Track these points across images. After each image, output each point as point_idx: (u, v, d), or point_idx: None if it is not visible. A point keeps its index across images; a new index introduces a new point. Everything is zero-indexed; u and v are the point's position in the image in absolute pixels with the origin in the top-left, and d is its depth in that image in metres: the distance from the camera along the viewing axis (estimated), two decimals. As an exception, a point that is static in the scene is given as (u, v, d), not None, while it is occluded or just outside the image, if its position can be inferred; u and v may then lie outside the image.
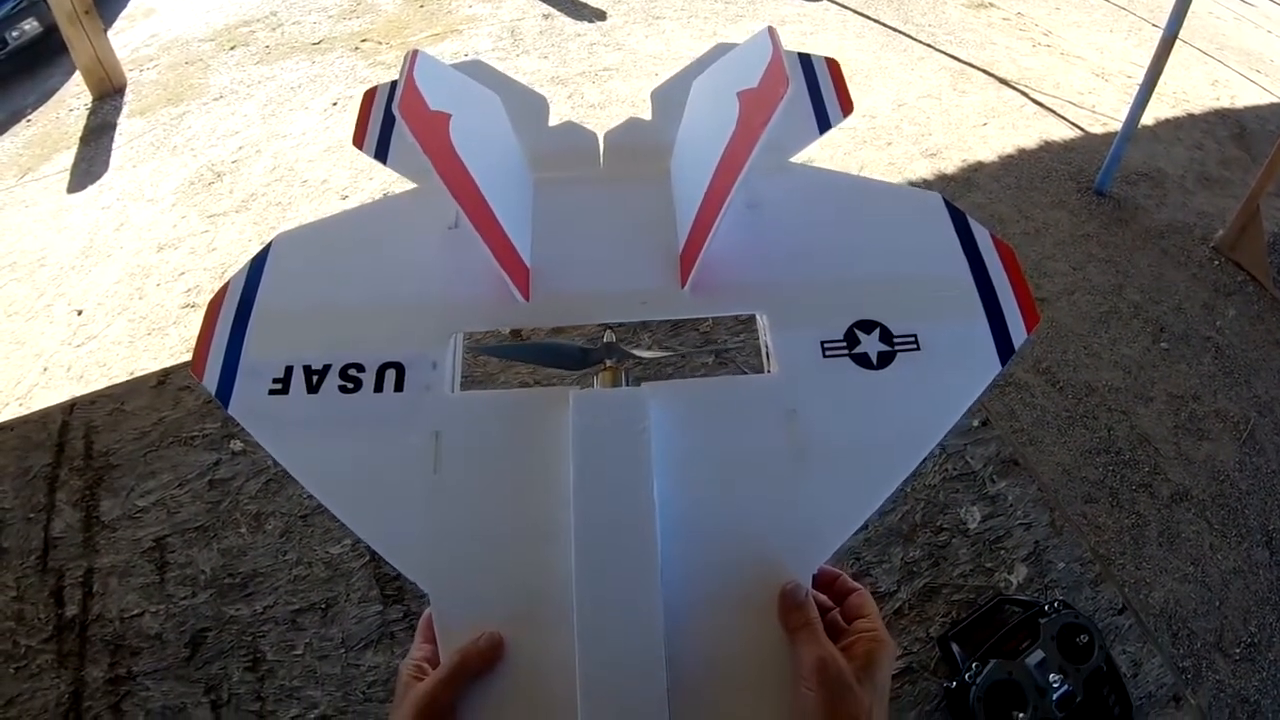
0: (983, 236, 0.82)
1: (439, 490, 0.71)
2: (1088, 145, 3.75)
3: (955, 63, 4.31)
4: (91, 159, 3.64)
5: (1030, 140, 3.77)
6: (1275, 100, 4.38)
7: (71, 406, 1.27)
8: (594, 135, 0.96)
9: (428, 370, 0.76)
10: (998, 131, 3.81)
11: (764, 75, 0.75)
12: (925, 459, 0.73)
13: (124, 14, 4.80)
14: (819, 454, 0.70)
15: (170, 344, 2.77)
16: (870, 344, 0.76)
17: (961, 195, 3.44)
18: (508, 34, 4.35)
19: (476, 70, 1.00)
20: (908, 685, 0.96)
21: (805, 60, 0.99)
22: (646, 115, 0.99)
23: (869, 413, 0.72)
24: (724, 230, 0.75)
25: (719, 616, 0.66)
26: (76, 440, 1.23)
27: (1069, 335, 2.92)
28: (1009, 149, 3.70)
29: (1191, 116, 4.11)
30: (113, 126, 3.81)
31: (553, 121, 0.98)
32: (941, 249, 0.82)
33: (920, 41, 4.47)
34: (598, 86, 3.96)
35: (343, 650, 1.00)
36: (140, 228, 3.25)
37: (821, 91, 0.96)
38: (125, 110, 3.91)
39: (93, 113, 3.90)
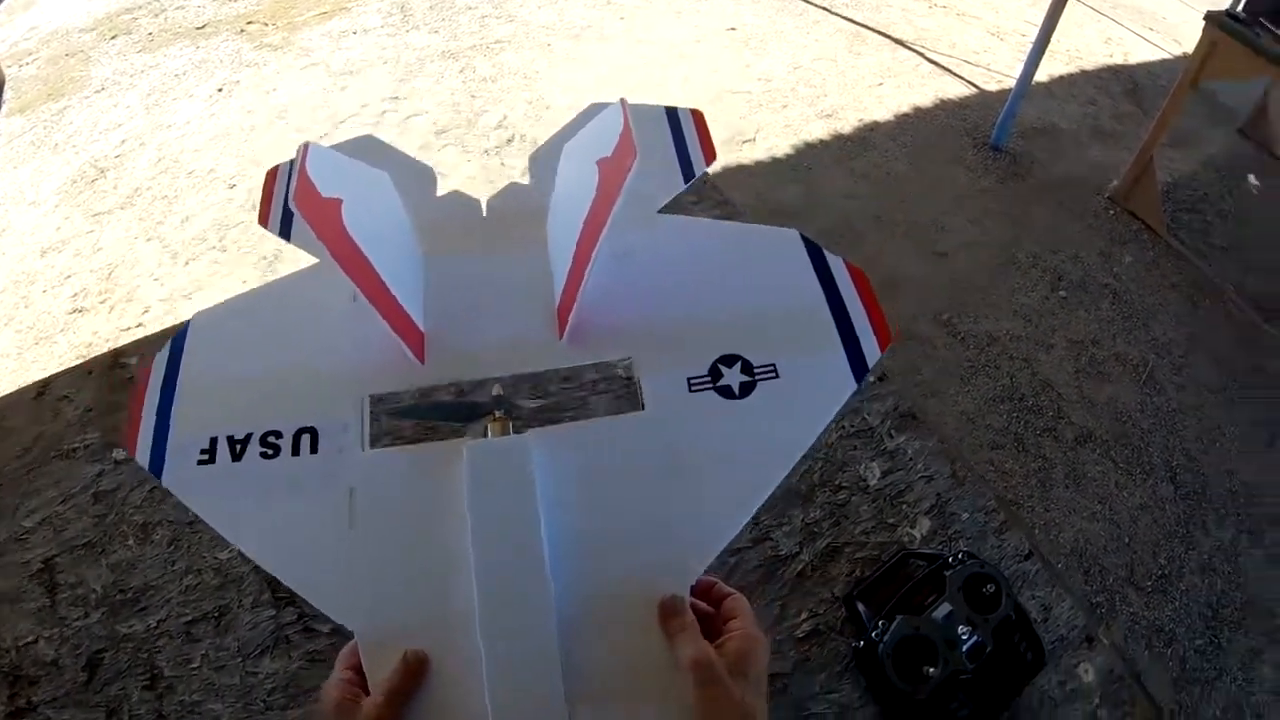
0: (836, 265, 0.91)
1: (356, 541, 0.78)
2: (983, 102, 3.81)
3: (851, 25, 4.33)
4: (-33, 162, 3.44)
5: (926, 99, 3.81)
6: (1167, 56, 4.50)
7: (-53, 429, 1.20)
8: (478, 202, 1.05)
9: (339, 433, 0.84)
10: (894, 91, 3.84)
11: (616, 145, 0.84)
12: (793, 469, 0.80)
13: (2, 7, 4.55)
14: (690, 478, 0.79)
15: (59, 351, 2.65)
16: (732, 376, 0.85)
17: (857, 155, 3.47)
18: (397, 9, 4.23)
19: (367, 146, 1.11)
20: (815, 647, 0.96)
21: (671, 114, 1.09)
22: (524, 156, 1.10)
23: (734, 438, 0.81)
24: (594, 283, 0.84)
25: (613, 632, 0.74)
26: (-45, 464, 1.16)
27: (968, 288, 2.97)
28: (905, 108, 3.74)
29: (1085, 73, 4.21)
30: (-9, 127, 3.61)
31: (440, 190, 1.08)
32: (798, 281, 0.91)
33: (816, 5, 4.47)
34: (489, 59, 3.88)
35: (239, 659, 0.97)
36: (22, 233, 3.10)
37: (686, 143, 1.06)
38: (4, 109, 3.70)
39: (-31, 114, 3.70)
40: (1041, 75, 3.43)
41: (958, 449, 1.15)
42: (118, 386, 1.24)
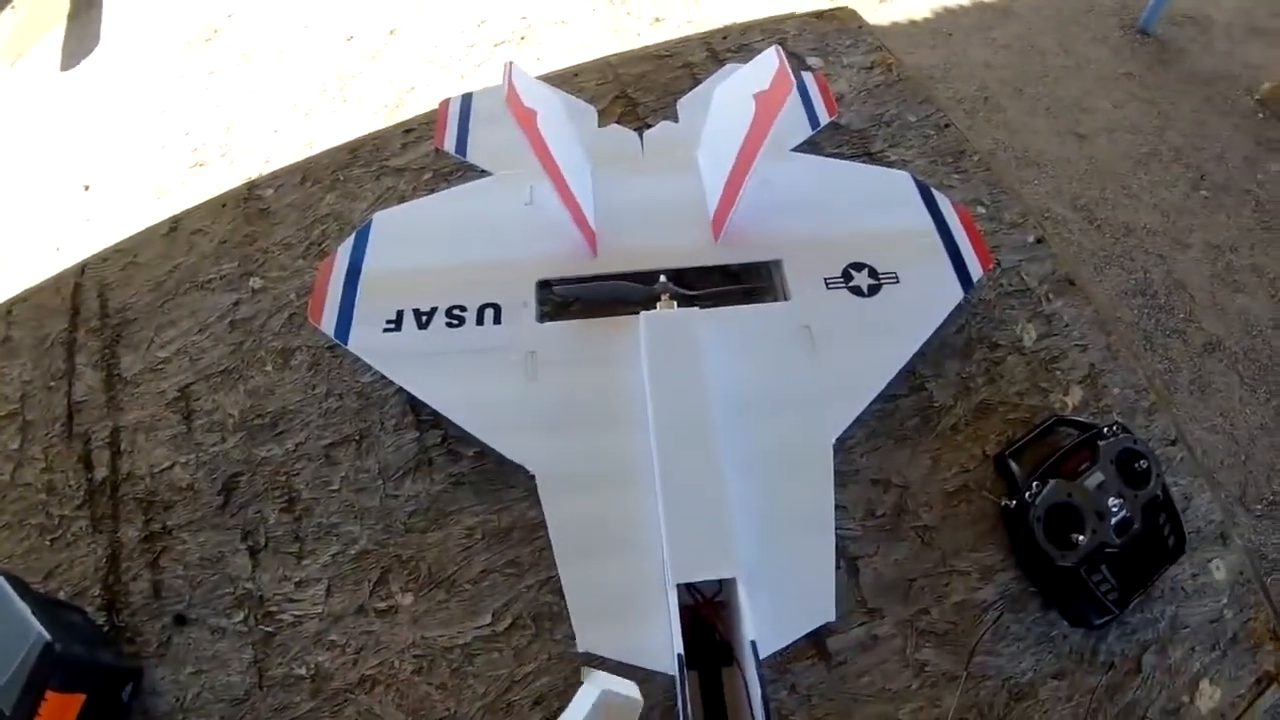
0: (944, 202, 1.08)
1: (536, 395, 0.93)
2: (1134, -18, 3.52)
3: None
4: (82, 33, 3.49)
5: (1073, -29, 3.54)
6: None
7: (83, 268, 1.22)
8: (635, 135, 1.24)
9: (520, 308, 1.00)
10: (1041, -40, 3.58)
11: (773, 79, 1.02)
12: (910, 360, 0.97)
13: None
14: (827, 356, 0.95)
15: (182, 205, 2.66)
16: (861, 279, 1.01)
17: (999, 24, 3.29)
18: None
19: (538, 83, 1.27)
20: (964, 504, 0.94)
21: (797, 76, 1.23)
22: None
23: (863, 327, 0.97)
24: (745, 197, 1.01)
25: (765, 474, 0.87)
26: (91, 300, 1.18)
27: (1108, 174, 2.81)
28: (1051, -21, 3.48)
29: (1246, -36, 3.85)
30: (100, -3, 3.64)
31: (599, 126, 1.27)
32: (911, 211, 1.07)
33: None
34: None
35: (380, 481, 0.97)
36: (139, 94, 3.15)
37: (811, 98, 1.24)
38: (112, -24, 3.73)
39: (78, -14, 3.73)
40: (1199, -40, 3.16)
41: (1113, 321, 1.08)
42: (253, 217, 1.23)
